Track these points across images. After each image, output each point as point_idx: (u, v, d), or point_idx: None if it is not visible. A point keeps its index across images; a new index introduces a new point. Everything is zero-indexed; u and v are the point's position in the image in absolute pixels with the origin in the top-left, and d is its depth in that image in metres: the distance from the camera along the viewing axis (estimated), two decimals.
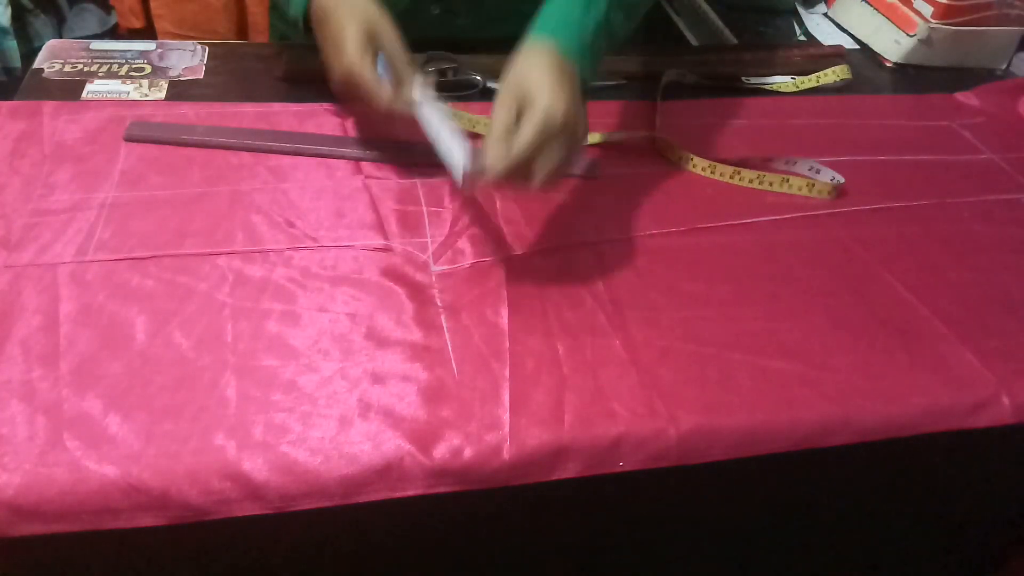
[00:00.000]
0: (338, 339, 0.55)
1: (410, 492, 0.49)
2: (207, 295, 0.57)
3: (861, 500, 0.66)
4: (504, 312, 0.59)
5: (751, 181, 0.74)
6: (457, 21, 0.86)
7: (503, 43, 0.63)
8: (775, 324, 0.60)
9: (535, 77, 0.57)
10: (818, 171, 0.76)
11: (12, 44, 1.37)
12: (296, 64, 0.83)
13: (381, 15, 0.65)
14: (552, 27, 0.62)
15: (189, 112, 0.76)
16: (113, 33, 1.51)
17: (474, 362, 0.55)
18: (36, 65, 0.81)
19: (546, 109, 0.55)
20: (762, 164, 0.76)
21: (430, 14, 0.85)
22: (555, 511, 0.57)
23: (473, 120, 0.76)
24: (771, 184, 0.74)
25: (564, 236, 0.64)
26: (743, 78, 0.92)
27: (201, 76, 0.82)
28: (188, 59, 0.85)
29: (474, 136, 0.75)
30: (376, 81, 0.63)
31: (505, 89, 0.58)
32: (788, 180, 0.74)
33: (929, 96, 0.95)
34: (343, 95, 0.68)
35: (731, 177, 0.75)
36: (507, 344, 0.56)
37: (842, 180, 0.74)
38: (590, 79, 0.63)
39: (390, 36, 0.65)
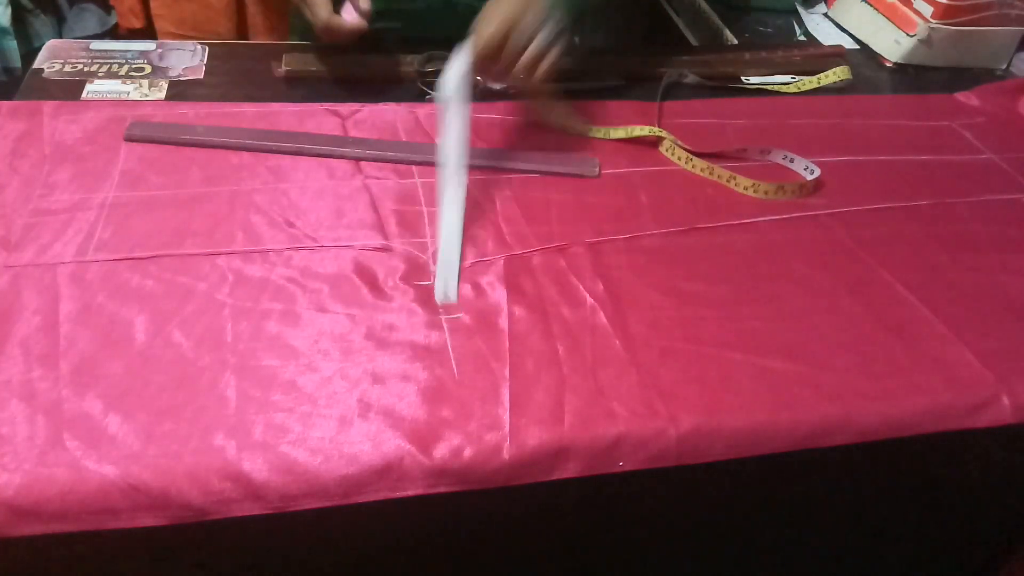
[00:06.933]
0: (338, 339, 0.55)
1: (410, 492, 0.49)
2: (207, 295, 0.57)
3: (861, 500, 0.66)
4: (504, 312, 0.59)
5: (745, 189, 0.74)
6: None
7: None
8: (775, 324, 0.60)
9: None
10: (813, 171, 0.76)
11: (12, 44, 1.37)
12: (296, 64, 0.83)
13: None
14: None
15: (189, 112, 0.76)
16: (113, 33, 1.50)
17: (474, 362, 0.55)
18: (36, 65, 0.81)
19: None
20: (756, 172, 0.76)
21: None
22: (555, 511, 0.57)
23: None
24: (766, 193, 0.73)
25: (564, 236, 0.64)
26: (743, 78, 0.92)
27: (201, 76, 0.82)
28: (188, 59, 0.85)
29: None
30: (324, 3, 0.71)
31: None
32: (783, 187, 0.74)
33: (929, 96, 0.95)
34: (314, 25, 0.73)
35: (728, 181, 0.75)
36: (507, 344, 0.56)
37: (817, 172, 0.75)
38: None
39: None
